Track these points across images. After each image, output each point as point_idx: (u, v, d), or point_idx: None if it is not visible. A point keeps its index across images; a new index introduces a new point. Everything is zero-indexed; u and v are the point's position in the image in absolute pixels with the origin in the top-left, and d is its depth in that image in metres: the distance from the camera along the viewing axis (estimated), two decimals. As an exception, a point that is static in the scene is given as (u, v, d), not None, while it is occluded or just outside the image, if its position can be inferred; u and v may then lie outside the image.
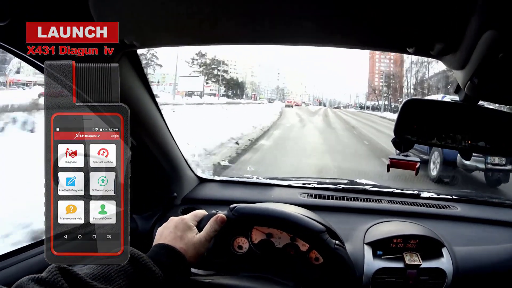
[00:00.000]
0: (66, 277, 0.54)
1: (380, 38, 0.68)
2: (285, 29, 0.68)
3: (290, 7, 0.61)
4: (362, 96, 49.91)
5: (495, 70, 0.58)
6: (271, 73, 62.13)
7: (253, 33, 0.72)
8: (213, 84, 42.11)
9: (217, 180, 1.50)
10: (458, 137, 0.74)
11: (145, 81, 0.95)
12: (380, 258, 1.06)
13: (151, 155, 1.14)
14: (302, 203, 1.21)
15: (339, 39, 0.72)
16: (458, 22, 0.56)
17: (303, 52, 65.23)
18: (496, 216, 1.31)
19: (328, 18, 0.63)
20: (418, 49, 0.66)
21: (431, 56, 0.66)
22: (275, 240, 1.06)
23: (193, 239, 0.82)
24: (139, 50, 0.85)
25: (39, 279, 0.52)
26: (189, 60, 35.81)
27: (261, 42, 0.75)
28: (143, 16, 0.67)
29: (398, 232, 1.10)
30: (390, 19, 0.60)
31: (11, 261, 0.82)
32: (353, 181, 1.54)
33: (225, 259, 1.04)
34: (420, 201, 1.36)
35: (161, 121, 1.10)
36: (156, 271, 0.69)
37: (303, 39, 0.73)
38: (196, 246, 0.81)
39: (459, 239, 1.16)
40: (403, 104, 0.75)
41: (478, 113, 0.72)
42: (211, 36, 0.73)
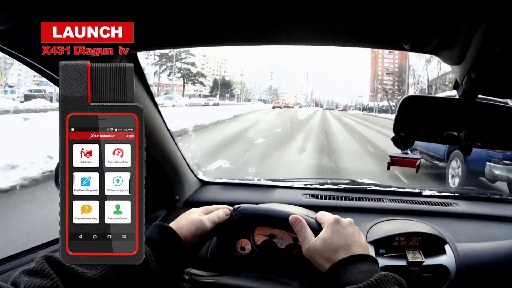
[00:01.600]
0: (53, 266, 0.57)
1: (375, 35, 0.69)
2: (280, 29, 0.69)
3: (285, 7, 0.61)
4: (363, 96, 48.47)
5: (492, 64, 0.59)
6: (263, 72, 60.03)
7: (250, 34, 0.72)
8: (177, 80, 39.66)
9: (219, 183, 1.50)
10: (458, 132, 0.74)
11: (145, 83, 0.95)
12: (383, 257, 1.06)
13: (152, 157, 1.14)
14: (304, 204, 1.21)
15: (333, 37, 0.72)
16: (452, 17, 0.56)
17: (299, 50, 63.09)
18: (499, 212, 1.32)
19: (321, 16, 0.63)
20: (414, 45, 0.66)
21: (427, 52, 0.67)
22: (278, 241, 1.06)
23: (195, 217, 0.83)
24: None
25: (28, 270, 0.56)
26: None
27: (258, 43, 0.76)
28: (142, 18, 0.67)
29: (400, 230, 1.10)
30: (385, 15, 0.60)
31: (13, 264, 0.83)
32: (355, 181, 1.55)
33: (228, 260, 1.04)
34: (422, 199, 1.37)
35: (162, 123, 1.10)
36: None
37: (296, 38, 0.73)
38: (196, 225, 0.81)
39: (462, 235, 1.16)
40: (402, 101, 0.75)
41: (477, 108, 0.73)
42: (210, 37, 0.74)
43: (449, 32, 0.60)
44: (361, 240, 0.78)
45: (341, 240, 0.76)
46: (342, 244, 0.75)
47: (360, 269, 0.69)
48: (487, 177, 5.10)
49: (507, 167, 4.93)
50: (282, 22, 0.66)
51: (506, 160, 4.94)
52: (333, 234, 0.77)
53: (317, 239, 0.78)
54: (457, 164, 5.53)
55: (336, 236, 0.77)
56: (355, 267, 0.70)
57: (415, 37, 0.65)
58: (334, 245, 0.75)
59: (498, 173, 4.97)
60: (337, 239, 0.76)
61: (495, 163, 4.97)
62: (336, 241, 0.76)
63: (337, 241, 0.76)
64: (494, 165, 4.98)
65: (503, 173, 4.96)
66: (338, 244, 0.75)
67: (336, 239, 0.76)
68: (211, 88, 48.12)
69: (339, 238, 0.76)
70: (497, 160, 4.98)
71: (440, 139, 0.76)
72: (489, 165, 5.01)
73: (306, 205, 1.18)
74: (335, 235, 0.77)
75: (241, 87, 55.25)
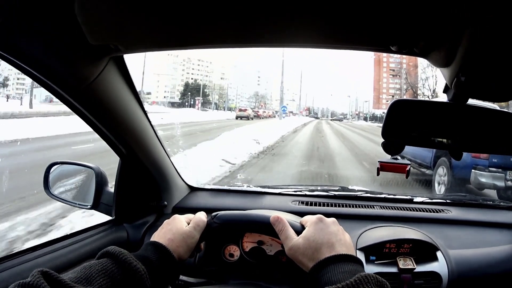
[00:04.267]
0: (49, 281, 0.56)
1: (362, 36, 0.68)
2: (266, 30, 0.68)
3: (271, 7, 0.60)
4: (360, 103, 45.46)
5: (480, 67, 0.58)
6: (249, 76, 55.62)
7: (237, 35, 0.71)
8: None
9: (207, 189, 1.49)
10: (447, 137, 0.73)
11: (133, 88, 0.95)
12: (373, 264, 1.05)
13: (141, 163, 1.13)
14: (294, 211, 1.20)
15: (318, 39, 0.71)
16: (439, 18, 0.56)
17: (291, 53, 61.05)
18: (490, 218, 1.31)
19: (306, 18, 0.62)
20: (401, 47, 0.66)
21: (415, 54, 0.66)
22: (267, 247, 1.05)
23: (182, 229, 0.83)
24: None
25: (24, 284, 0.55)
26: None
27: (244, 45, 0.75)
28: (127, 21, 0.67)
29: (391, 237, 1.09)
30: (372, 16, 0.60)
31: (4, 266, 0.81)
32: (345, 188, 1.54)
33: (216, 267, 1.03)
34: (413, 206, 1.36)
35: (150, 129, 1.10)
36: (137, 266, 0.69)
37: (280, 40, 0.71)
38: (184, 237, 0.82)
39: (454, 242, 1.15)
40: (390, 106, 0.74)
41: (468, 112, 0.72)
42: (197, 39, 0.73)
43: (437, 34, 0.59)
44: (345, 239, 0.76)
45: (324, 238, 0.74)
46: (326, 242, 0.73)
47: (342, 269, 0.68)
48: (473, 185, 5.04)
49: (492, 175, 4.85)
50: (267, 24, 0.66)
51: (492, 167, 4.86)
52: (316, 232, 0.76)
53: (300, 237, 0.77)
54: (443, 171, 5.48)
55: (319, 234, 0.75)
56: (337, 267, 0.68)
57: (402, 39, 0.64)
58: (317, 243, 0.74)
59: (484, 181, 4.89)
60: (320, 237, 0.75)
61: (481, 171, 4.95)
62: (319, 239, 0.74)
63: (320, 239, 0.74)
64: (479, 172, 4.92)
65: (488, 180, 4.87)
66: (321, 242, 0.73)
67: (319, 237, 0.74)
68: (182, 94, 45.00)
69: (323, 236, 0.75)
70: (483, 168, 4.92)
71: (431, 143, 0.75)
72: (475, 172, 4.96)
73: (296, 211, 1.17)
74: (318, 233, 0.75)
75: (220, 92, 50.89)
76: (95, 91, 0.83)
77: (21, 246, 3.06)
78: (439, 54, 0.62)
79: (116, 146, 1.04)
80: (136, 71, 32.19)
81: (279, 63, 51.50)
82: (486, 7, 0.49)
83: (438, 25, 0.57)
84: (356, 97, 51.02)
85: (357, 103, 48.50)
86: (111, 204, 1.16)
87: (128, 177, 1.15)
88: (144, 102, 1.05)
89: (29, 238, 3.26)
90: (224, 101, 51.45)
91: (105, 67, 0.81)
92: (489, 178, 4.86)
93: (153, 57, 38.96)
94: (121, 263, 0.68)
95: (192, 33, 0.70)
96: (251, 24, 0.66)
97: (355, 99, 49.27)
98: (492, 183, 4.86)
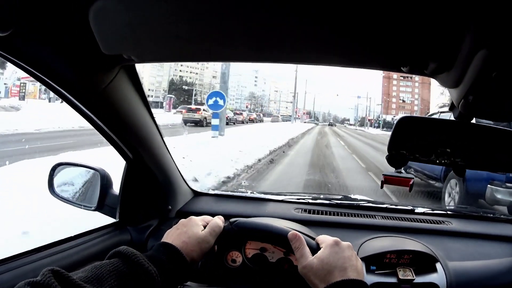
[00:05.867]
0: (59, 280, 0.57)
1: (374, 57, 0.69)
2: (278, 48, 0.69)
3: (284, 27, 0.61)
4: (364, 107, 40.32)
5: (488, 88, 0.59)
6: (245, 76, 53.35)
7: (250, 52, 0.73)
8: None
9: (211, 194, 1.50)
10: (452, 154, 0.75)
11: (142, 95, 0.96)
12: (374, 273, 1.06)
13: (147, 168, 1.14)
14: (297, 218, 1.21)
15: (331, 59, 0.72)
16: (452, 41, 0.57)
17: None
18: (491, 231, 1.32)
19: (320, 37, 0.64)
20: (412, 68, 0.67)
21: (425, 74, 0.67)
22: (269, 254, 1.06)
23: (198, 233, 0.84)
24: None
25: (35, 282, 0.55)
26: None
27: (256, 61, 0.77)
28: (142, 32, 0.68)
29: (392, 248, 1.10)
30: (384, 38, 0.61)
31: (8, 267, 0.81)
32: (347, 197, 1.55)
33: (218, 272, 1.03)
34: (414, 217, 1.37)
35: (157, 134, 1.11)
36: (149, 267, 0.69)
37: (291, 58, 0.73)
38: (199, 241, 0.83)
39: (454, 254, 1.16)
40: (398, 121, 0.75)
41: (472, 130, 0.73)
42: (208, 53, 0.74)
43: (448, 55, 0.60)
44: (357, 265, 0.78)
45: (338, 262, 0.77)
46: (339, 266, 0.76)
47: None
48: (487, 201, 4.65)
49: (509, 191, 4.49)
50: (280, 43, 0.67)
51: (509, 182, 4.57)
52: (331, 255, 0.78)
53: (315, 257, 0.79)
54: (455, 184, 5.15)
55: (334, 257, 0.78)
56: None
57: (413, 60, 0.65)
58: (330, 265, 0.76)
59: (500, 197, 4.52)
60: (334, 260, 0.77)
61: (497, 186, 4.61)
62: (332, 262, 0.77)
63: (334, 262, 0.77)
64: (496, 188, 4.61)
65: (505, 197, 4.51)
66: (334, 266, 0.76)
67: (333, 260, 0.77)
68: (167, 93, 41.23)
69: (336, 260, 0.77)
70: (499, 183, 4.58)
71: (435, 160, 0.76)
72: (491, 188, 4.60)
73: (298, 219, 1.18)
74: (333, 256, 0.78)
75: (211, 92, 48.32)
76: (105, 98, 0.84)
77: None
78: (448, 75, 0.64)
79: (123, 151, 1.05)
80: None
81: (277, 66, 47.51)
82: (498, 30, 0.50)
83: (450, 48, 0.58)
84: (370, 97, 44.91)
85: (368, 109, 44.30)
86: (115, 206, 1.17)
87: (134, 181, 1.16)
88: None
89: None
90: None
91: (117, 75, 0.82)
92: (505, 194, 4.52)
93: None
94: (132, 264, 0.68)
95: (206, 48, 0.71)
96: (264, 42, 0.67)
97: (366, 102, 44.48)
98: (508, 200, 4.53)
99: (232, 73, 49.64)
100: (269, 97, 56.62)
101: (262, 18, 0.60)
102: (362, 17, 0.56)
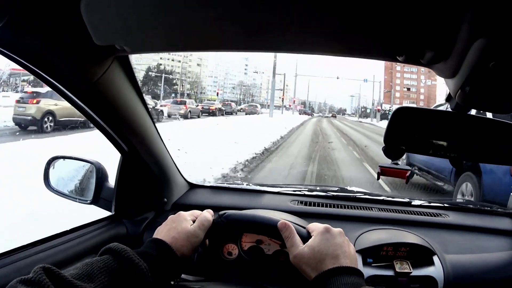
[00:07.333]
0: (50, 277, 0.57)
1: (368, 46, 0.68)
2: (273, 37, 0.68)
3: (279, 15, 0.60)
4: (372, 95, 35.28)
5: (486, 79, 0.59)
6: (234, 63, 48.64)
7: (246, 41, 0.71)
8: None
9: (207, 186, 1.50)
10: (448, 145, 0.74)
11: (136, 86, 0.95)
12: (370, 266, 1.06)
13: (142, 160, 1.14)
14: (292, 210, 1.21)
15: (327, 47, 0.71)
16: (448, 30, 0.55)
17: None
18: (488, 224, 1.32)
19: (315, 26, 0.62)
20: (408, 58, 0.66)
21: (421, 64, 0.66)
22: (265, 246, 1.05)
23: (187, 228, 0.83)
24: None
25: (26, 280, 0.55)
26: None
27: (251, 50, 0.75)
28: (134, 22, 0.66)
29: (389, 240, 1.10)
30: (380, 27, 0.60)
31: (3, 262, 0.81)
32: (344, 189, 1.54)
33: (214, 265, 1.03)
34: (411, 209, 1.36)
35: (152, 127, 1.10)
36: (139, 263, 0.69)
37: (288, 47, 0.71)
38: (188, 236, 0.82)
39: (450, 247, 1.16)
40: (394, 112, 0.75)
41: (469, 122, 0.73)
42: (202, 42, 0.73)
43: (445, 45, 0.59)
44: (350, 251, 0.77)
45: (330, 249, 0.75)
46: (330, 253, 0.75)
47: (344, 281, 0.69)
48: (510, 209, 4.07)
49: None
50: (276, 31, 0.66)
51: None
52: (322, 242, 0.77)
53: (305, 246, 0.78)
54: (467, 189, 4.47)
55: (325, 244, 0.76)
56: (339, 279, 0.70)
57: (410, 49, 0.64)
58: (322, 253, 0.75)
59: None
60: (325, 247, 0.76)
61: None
62: (324, 250, 0.75)
63: (325, 250, 0.75)
64: None
65: None
66: (326, 253, 0.75)
67: (324, 248, 0.76)
68: (142, 82, 35.88)
69: (328, 247, 0.76)
70: None
71: (431, 151, 0.75)
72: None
73: (295, 211, 1.18)
74: (324, 244, 0.76)
75: (193, 81, 40.67)
76: (99, 90, 0.83)
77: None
78: (445, 65, 0.62)
79: (118, 143, 1.04)
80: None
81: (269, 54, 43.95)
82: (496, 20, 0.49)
83: (447, 37, 0.57)
84: (380, 82, 38.03)
85: (379, 94, 37.70)
86: (111, 199, 1.16)
87: (129, 174, 1.15)
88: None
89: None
90: (197, 92, 44.02)
91: (110, 66, 0.81)
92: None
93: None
94: (123, 260, 0.68)
95: (200, 37, 0.70)
96: (259, 31, 0.66)
97: (373, 89, 38.37)
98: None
99: (221, 61, 46.95)
100: (260, 86, 53.74)
101: (256, 6, 0.58)
102: (356, 5, 0.55)
